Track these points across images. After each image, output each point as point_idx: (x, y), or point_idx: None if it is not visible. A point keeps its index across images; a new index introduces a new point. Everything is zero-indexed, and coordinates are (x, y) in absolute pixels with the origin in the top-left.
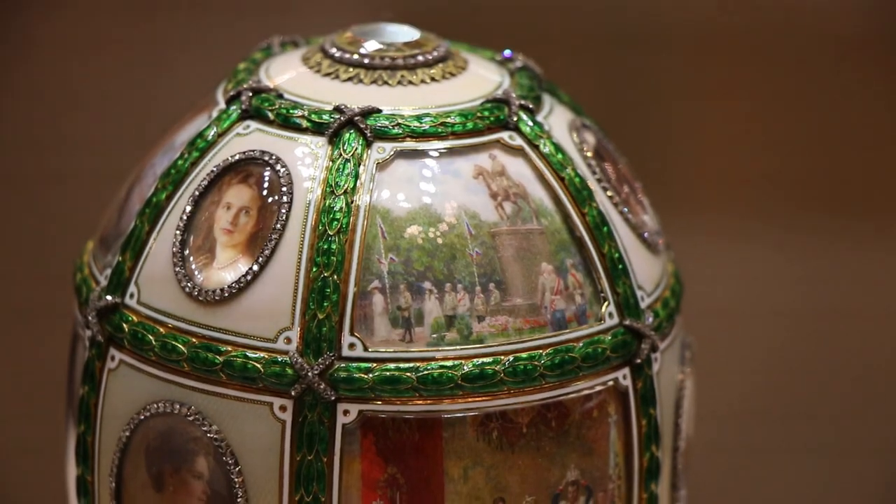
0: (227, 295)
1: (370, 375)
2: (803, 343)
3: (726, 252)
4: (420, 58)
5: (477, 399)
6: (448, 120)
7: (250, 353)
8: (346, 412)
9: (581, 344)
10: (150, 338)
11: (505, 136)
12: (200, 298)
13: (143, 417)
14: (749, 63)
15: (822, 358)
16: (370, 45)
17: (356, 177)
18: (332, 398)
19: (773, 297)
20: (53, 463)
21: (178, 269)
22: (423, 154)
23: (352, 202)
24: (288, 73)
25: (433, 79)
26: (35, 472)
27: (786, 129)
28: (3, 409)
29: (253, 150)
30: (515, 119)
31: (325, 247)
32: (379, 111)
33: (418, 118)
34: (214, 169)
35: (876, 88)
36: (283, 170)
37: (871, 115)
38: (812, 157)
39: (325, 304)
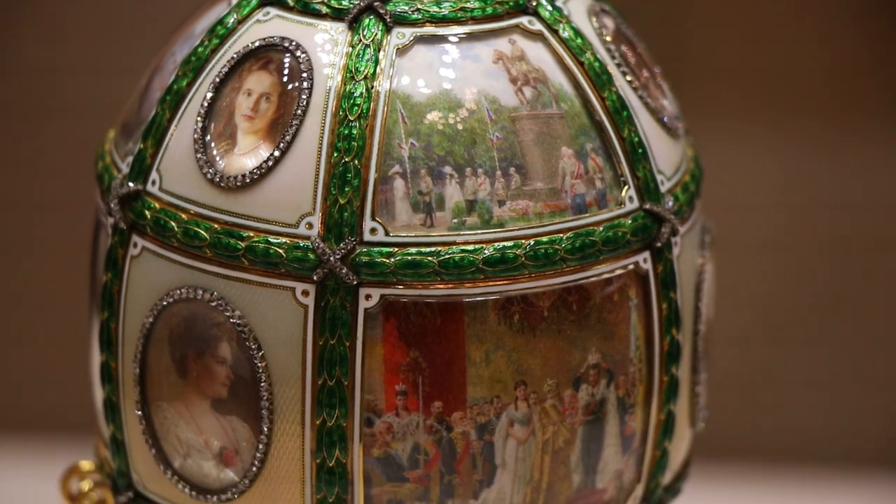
0: (248, 181)
1: (392, 260)
2: (818, 232)
3: (744, 140)
4: None
5: (498, 283)
6: (467, 5)
7: (272, 239)
8: (367, 297)
9: (601, 228)
10: (173, 224)
11: (524, 20)
12: (222, 184)
13: (166, 303)
14: None
15: (837, 248)
16: None
17: (376, 62)
18: (354, 283)
19: (788, 187)
20: (77, 352)
21: (199, 155)
22: (442, 39)
23: (372, 88)
24: None
25: None
26: (59, 360)
27: (806, 21)
28: (26, 299)
29: (273, 37)
30: (535, 4)
31: (346, 132)
32: None
33: (438, 3)
34: (235, 55)
35: None
36: (303, 56)
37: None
38: (827, 50)
39: (347, 189)
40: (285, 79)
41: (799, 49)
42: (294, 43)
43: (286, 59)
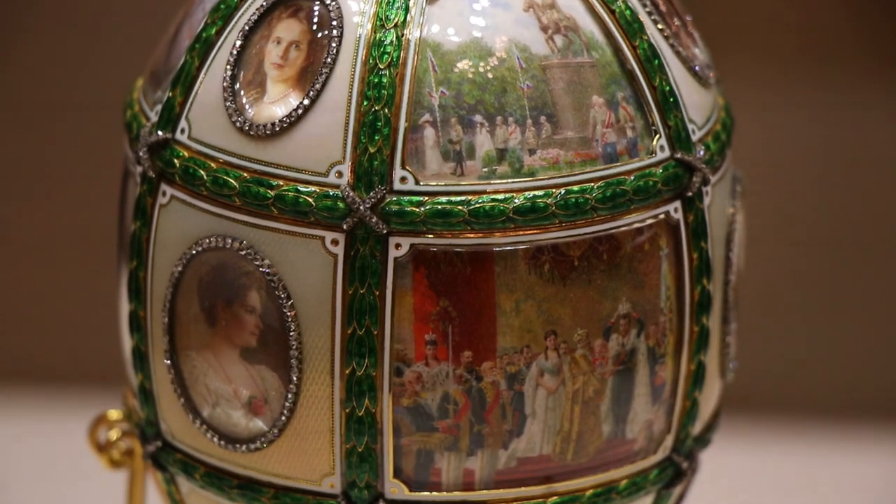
0: (278, 129)
1: (422, 209)
2: (851, 181)
3: (774, 92)
4: None
5: (528, 232)
6: None
7: (302, 188)
8: (397, 246)
9: (632, 177)
10: (202, 173)
11: None
12: (251, 133)
13: (195, 252)
14: None
15: (869, 198)
16: None
17: (406, 10)
18: (384, 232)
19: (819, 137)
20: (106, 301)
21: (228, 103)
22: None
23: (402, 36)
24: None
25: None
26: (87, 310)
27: None
28: (54, 248)
29: None
30: None
31: (376, 80)
32: None
33: None
34: (264, 3)
35: None
36: (332, 4)
37: None
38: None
39: (377, 137)
40: (315, 27)
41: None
42: None
43: (316, 7)
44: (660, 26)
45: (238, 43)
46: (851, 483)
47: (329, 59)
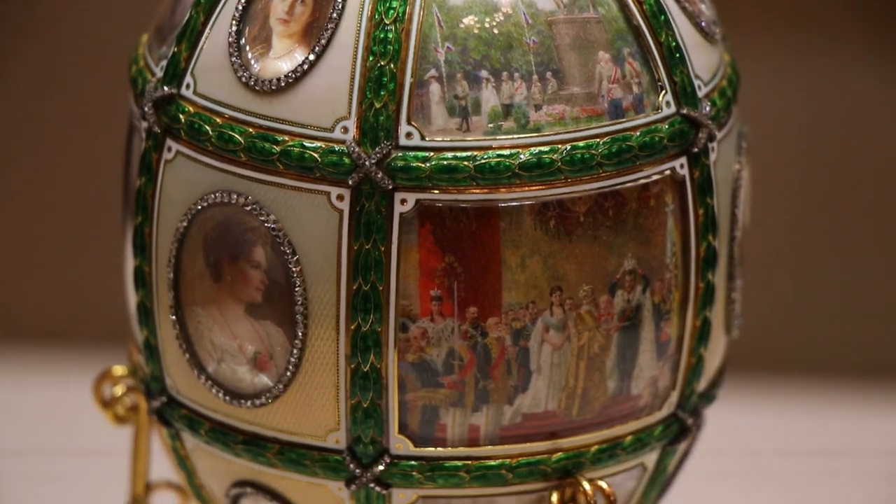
0: (283, 84)
1: (427, 164)
2: (857, 139)
3: (779, 47)
4: None
5: (534, 188)
6: None
7: (307, 143)
8: (403, 201)
9: (638, 133)
10: (207, 128)
11: None
12: (257, 88)
13: (200, 207)
14: None
15: (875, 157)
16: None
17: None
18: (390, 187)
19: (823, 95)
20: (111, 256)
21: (234, 59)
22: None
23: None
24: None
25: None
26: (92, 265)
27: None
28: (60, 203)
29: None
30: None
31: (382, 35)
32: None
33: None
34: None
35: None
36: None
37: None
38: None
39: (382, 93)
40: None
41: None
42: None
43: None
44: None
45: None
46: (856, 440)
47: (335, 14)
